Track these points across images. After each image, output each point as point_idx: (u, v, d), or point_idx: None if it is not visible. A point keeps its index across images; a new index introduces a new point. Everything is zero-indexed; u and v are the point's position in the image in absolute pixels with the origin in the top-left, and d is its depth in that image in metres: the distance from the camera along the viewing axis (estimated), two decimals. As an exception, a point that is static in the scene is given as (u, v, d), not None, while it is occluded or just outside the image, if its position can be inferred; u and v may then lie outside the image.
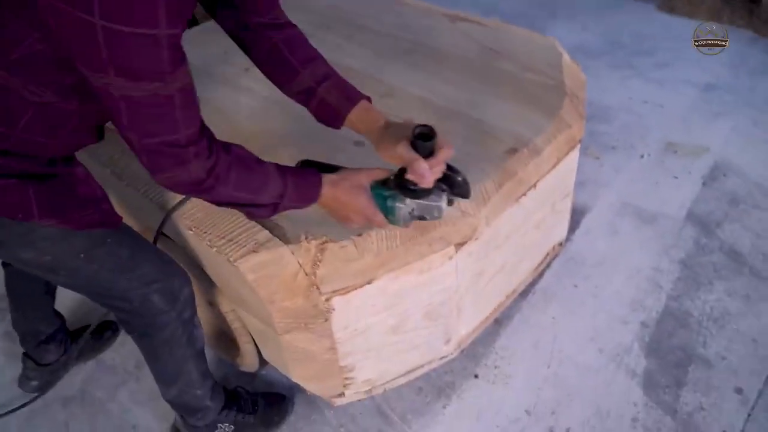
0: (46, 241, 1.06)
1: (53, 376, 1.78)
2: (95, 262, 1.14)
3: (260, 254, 1.22)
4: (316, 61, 1.17)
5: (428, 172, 1.03)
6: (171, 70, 0.81)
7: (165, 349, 1.34)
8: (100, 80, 0.80)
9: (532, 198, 1.53)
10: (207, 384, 1.46)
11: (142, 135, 0.86)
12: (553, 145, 1.50)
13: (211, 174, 0.92)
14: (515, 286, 1.75)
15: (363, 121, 1.15)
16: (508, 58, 1.80)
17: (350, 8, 2.12)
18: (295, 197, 1.04)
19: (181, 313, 1.29)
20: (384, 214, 1.12)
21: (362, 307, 1.33)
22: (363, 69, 1.77)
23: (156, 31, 0.76)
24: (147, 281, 1.21)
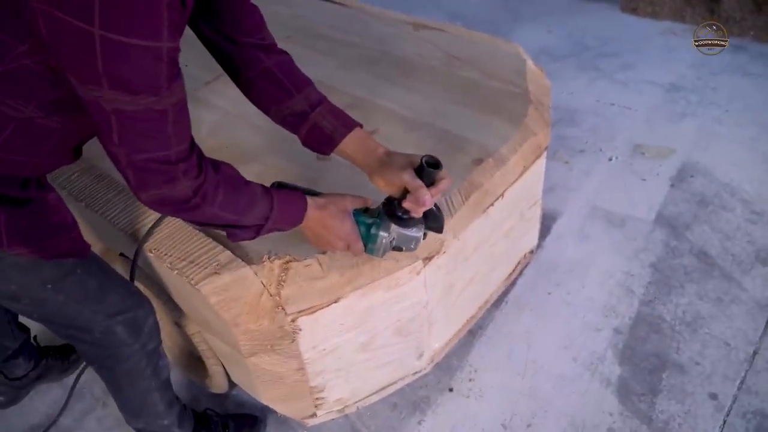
0: (13, 270, 1.01)
1: (20, 392, 1.73)
2: (62, 293, 1.09)
3: (222, 276, 1.19)
4: (309, 86, 1.17)
5: (430, 201, 1.05)
6: (168, 84, 0.79)
7: (127, 381, 1.30)
8: (91, 93, 0.77)
9: (500, 208, 1.51)
10: (173, 412, 1.42)
11: (132, 150, 0.83)
12: (518, 154, 1.49)
13: (197, 193, 0.90)
14: (487, 296, 1.73)
15: (359, 149, 1.14)
16: (472, 65, 1.79)
17: (314, 18, 2.09)
18: (280, 219, 1.03)
19: (145, 345, 1.25)
20: (364, 242, 1.13)
21: (330, 326, 1.30)
22: (327, 79, 1.74)
23: (158, 44, 0.74)
24: (112, 313, 1.17)
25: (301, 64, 1.79)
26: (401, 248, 1.16)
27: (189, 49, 1.79)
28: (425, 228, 1.16)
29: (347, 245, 1.12)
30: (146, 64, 0.76)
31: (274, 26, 2.01)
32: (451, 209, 1.33)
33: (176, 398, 1.46)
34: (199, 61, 1.85)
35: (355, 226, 1.12)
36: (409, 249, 1.17)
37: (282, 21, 2.08)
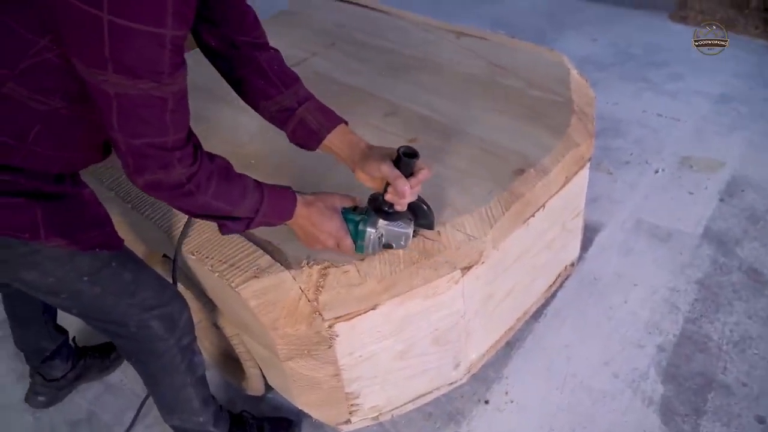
0: (51, 262, 1.05)
1: (61, 392, 1.78)
2: (98, 285, 1.12)
3: (262, 280, 1.20)
4: (297, 82, 1.20)
5: (408, 191, 1.08)
6: (170, 71, 0.83)
7: (163, 376, 1.32)
8: (96, 76, 0.80)
9: (541, 219, 1.49)
10: (209, 410, 1.44)
11: (130, 135, 0.86)
12: (561, 165, 1.47)
13: (191, 180, 0.93)
14: (526, 308, 1.71)
15: (342, 144, 1.18)
16: (514, 74, 1.77)
17: (355, 25, 2.11)
18: (270, 213, 1.06)
19: (179, 339, 1.28)
20: (353, 239, 1.15)
21: (367, 333, 1.30)
22: (366, 86, 1.75)
23: (162, 30, 0.78)
24: (147, 307, 1.19)
25: (342, 71, 1.83)
26: (391, 245, 1.18)
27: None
28: (416, 225, 1.19)
29: (336, 243, 1.14)
30: (150, 50, 0.79)
31: (317, 34, 2.06)
32: (491, 219, 1.32)
33: (212, 397, 1.48)
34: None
35: (343, 224, 1.14)
36: (399, 246, 1.18)
37: (325, 29, 2.11)
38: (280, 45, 1.98)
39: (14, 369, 1.93)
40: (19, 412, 1.80)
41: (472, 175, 1.41)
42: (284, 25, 2.17)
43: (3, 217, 0.96)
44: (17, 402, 1.83)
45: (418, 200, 1.18)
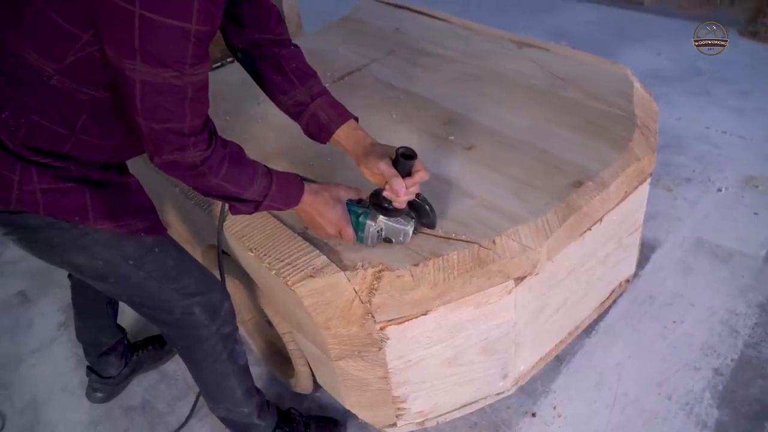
0: (98, 246, 1.12)
1: (116, 388, 1.85)
2: (143, 270, 1.18)
3: (317, 279, 1.22)
4: (312, 78, 1.26)
5: (403, 190, 1.14)
6: (192, 63, 0.90)
7: (205, 363, 1.37)
8: (125, 65, 0.88)
9: (598, 233, 1.47)
10: (253, 401, 1.47)
11: (151, 120, 0.93)
12: (621, 179, 1.44)
13: (204, 163, 1.01)
14: (578, 322, 1.68)
15: (349, 139, 1.23)
16: (576, 86, 1.76)
17: (416, 33, 2.13)
18: (278, 198, 1.13)
19: (221, 327, 1.32)
20: (355, 230, 1.21)
21: (417, 338, 1.31)
22: (425, 94, 1.77)
23: (187, 25, 0.86)
24: (189, 293, 1.25)
25: (401, 78, 1.85)
26: (391, 240, 1.24)
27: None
28: (418, 223, 1.25)
29: (338, 231, 1.21)
30: (175, 42, 0.87)
31: (377, 41, 2.09)
32: (547, 230, 1.31)
33: (257, 390, 1.51)
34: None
35: (346, 214, 1.20)
36: (398, 241, 1.23)
37: (384, 36, 2.14)
38: (341, 51, 2.05)
39: (75, 354, 2.03)
40: (77, 396, 1.89)
41: (530, 185, 1.40)
42: (345, 32, 2.21)
43: (55, 201, 1.04)
44: (76, 386, 1.92)
45: (421, 200, 1.23)
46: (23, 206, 1.03)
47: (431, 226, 1.28)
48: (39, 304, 2.25)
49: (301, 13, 2.67)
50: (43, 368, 2.01)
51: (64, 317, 2.18)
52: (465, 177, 1.44)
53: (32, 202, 1.03)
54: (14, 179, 1.01)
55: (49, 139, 1.01)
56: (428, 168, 1.19)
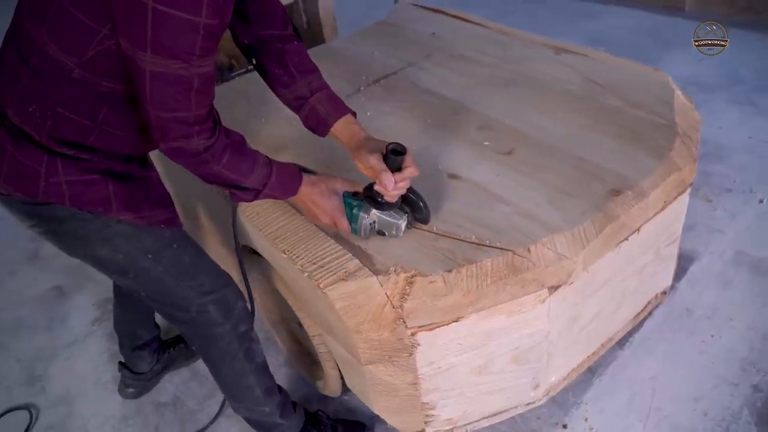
0: (119, 238, 1.17)
1: (148, 383, 1.87)
2: (161, 264, 1.23)
3: (349, 283, 1.22)
4: (313, 73, 1.30)
5: (392, 184, 1.16)
6: (200, 54, 0.95)
7: (222, 362, 1.40)
8: (137, 55, 0.93)
9: (635, 243, 1.44)
10: (274, 400, 1.48)
11: (160, 109, 0.98)
12: (660, 189, 1.41)
13: (207, 150, 1.05)
14: (612, 334, 1.65)
15: (345, 132, 1.27)
16: (615, 93, 1.72)
17: (452, 38, 2.12)
18: (277, 187, 1.18)
19: (236, 326, 1.35)
20: (350, 221, 1.25)
21: (448, 345, 1.29)
22: (461, 99, 1.76)
23: (197, 18, 0.90)
24: (204, 291, 1.29)
25: (437, 82, 1.84)
26: (384, 233, 1.28)
27: (332, 65, 1.90)
28: (412, 218, 1.28)
29: (332, 221, 1.25)
30: (184, 34, 0.91)
31: (414, 45, 2.09)
32: (583, 240, 1.29)
33: (279, 389, 1.52)
34: (339, 75, 1.95)
35: (341, 205, 1.24)
36: (391, 234, 1.27)
37: (421, 40, 2.13)
38: (377, 55, 2.05)
39: (108, 349, 2.07)
40: (109, 391, 1.93)
41: (566, 193, 1.38)
42: (381, 36, 2.21)
43: (80, 193, 1.09)
44: (108, 381, 1.96)
45: (415, 195, 1.26)
46: (49, 197, 1.08)
47: (425, 222, 1.30)
48: (74, 298, 2.30)
49: (337, 16, 2.68)
50: (77, 362, 2.05)
51: (98, 312, 2.22)
52: (500, 183, 1.43)
53: (58, 193, 1.08)
54: (41, 171, 1.06)
55: (73, 130, 1.06)
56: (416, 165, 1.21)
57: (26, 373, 2.04)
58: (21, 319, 2.27)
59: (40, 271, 2.47)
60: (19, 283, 2.45)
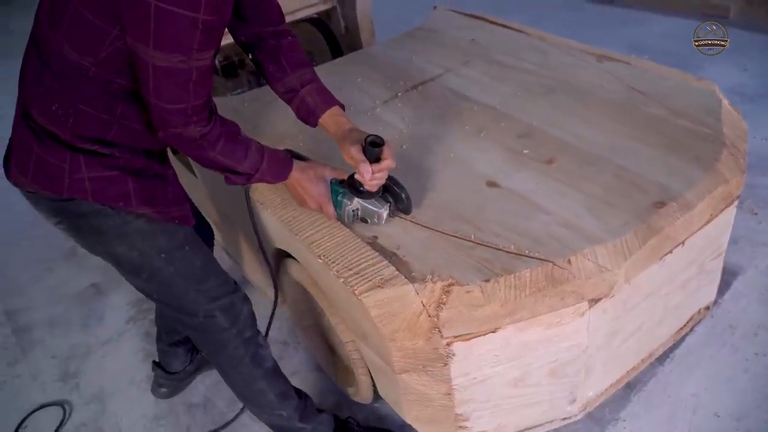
0: (136, 235, 1.22)
1: (181, 383, 1.88)
2: (173, 265, 1.28)
3: (385, 290, 1.21)
4: (304, 67, 1.36)
5: (369, 174, 1.23)
6: (198, 49, 1.01)
7: (230, 367, 1.44)
8: (140, 49, 1.00)
9: (679, 256, 1.40)
10: (290, 404, 1.49)
11: (160, 99, 1.05)
12: (706, 201, 1.37)
13: (203, 138, 1.13)
14: (652, 349, 1.60)
15: (332, 123, 1.33)
16: (659, 101, 1.68)
17: (491, 44, 2.09)
18: (268, 173, 1.25)
19: (241, 331, 1.38)
20: (335, 208, 1.32)
21: (484, 356, 1.27)
22: (500, 106, 1.73)
23: (195, 15, 0.97)
24: (212, 297, 1.33)
25: (476, 89, 1.82)
26: (366, 220, 1.34)
27: (370, 70, 1.89)
28: (394, 208, 1.34)
29: (318, 206, 1.33)
30: (183, 29, 0.98)
31: (452, 51, 2.07)
32: (626, 252, 1.25)
33: (298, 393, 1.53)
34: (377, 80, 1.94)
35: (327, 192, 1.32)
36: (373, 222, 1.34)
37: (460, 46, 2.11)
38: (414, 60, 2.03)
39: (142, 348, 2.09)
40: (142, 390, 1.94)
41: (608, 204, 1.35)
42: (419, 41, 2.19)
43: (101, 188, 1.15)
44: (142, 380, 1.97)
45: (397, 186, 1.32)
46: (73, 193, 1.14)
47: (406, 212, 1.35)
48: (110, 297, 2.34)
49: (374, 21, 2.67)
50: (112, 360, 2.08)
51: (133, 311, 2.25)
52: (539, 192, 1.40)
53: (81, 189, 1.14)
54: (65, 168, 1.13)
55: (95, 126, 1.12)
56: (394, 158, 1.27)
57: (61, 370, 2.07)
58: (57, 316, 2.31)
59: (77, 269, 2.51)
60: (56, 280, 2.49)
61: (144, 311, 2.23)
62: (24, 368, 2.11)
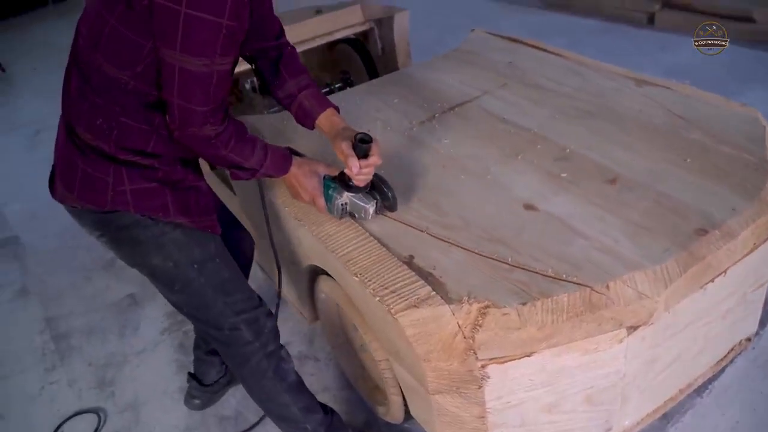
0: (172, 246, 1.30)
1: (214, 396, 1.90)
2: (203, 276, 1.34)
3: (421, 310, 1.21)
4: (302, 75, 1.46)
5: (357, 168, 1.31)
6: (221, 53, 1.10)
7: (253, 381, 1.48)
8: (169, 55, 1.08)
9: (720, 286, 1.37)
10: (315, 419, 1.52)
11: (182, 99, 1.13)
12: (750, 230, 1.34)
13: (217, 137, 1.21)
14: (690, 380, 1.57)
15: (327, 123, 1.43)
16: (700, 127, 1.66)
17: (529, 67, 2.10)
18: (270, 168, 1.34)
19: (265, 345, 1.43)
20: (326, 201, 1.41)
21: (519, 380, 1.26)
22: (537, 129, 1.73)
23: (220, 20, 1.06)
24: (238, 310, 1.39)
25: (513, 111, 1.83)
26: (354, 215, 1.43)
27: (407, 91, 1.90)
28: (381, 205, 1.42)
29: (311, 199, 1.43)
30: (208, 34, 1.07)
31: (489, 73, 2.08)
32: (666, 279, 1.24)
33: (324, 409, 1.56)
34: (414, 101, 1.96)
35: (320, 186, 1.42)
36: (360, 217, 1.43)
37: (497, 69, 2.12)
38: (452, 82, 2.05)
39: (176, 360, 2.12)
40: (175, 400, 1.97)
41: (648, 230, 1.33)
42: (457, 63, 2.21)
43: (142, 200, 1.24)
44: (175, 390, 2.00)
45: (384, 185, 1.40)
46: (117, 205, 1.22)
47: (391, 210, 1.44)
48: (146, 308, 2.38)
49: (411, 43, 2.70)
50: (146, 370, 2.11)
51: (168, 323, 2.28)
52: (577, 216, 1.39)
53: (124, 201, 1.23)
54: (108, 182, 1.21)
55: (137, 137, 1.20)
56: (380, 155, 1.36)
57: (97, 378, 2.12)
58: (95, 324, 2.36)
59: (115, 279, 2.57)
60: (94, 289, 2.55)
61: (178, 323, 2.26)
62: (61, 374, 2.16)
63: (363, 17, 2.64)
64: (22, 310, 2.52)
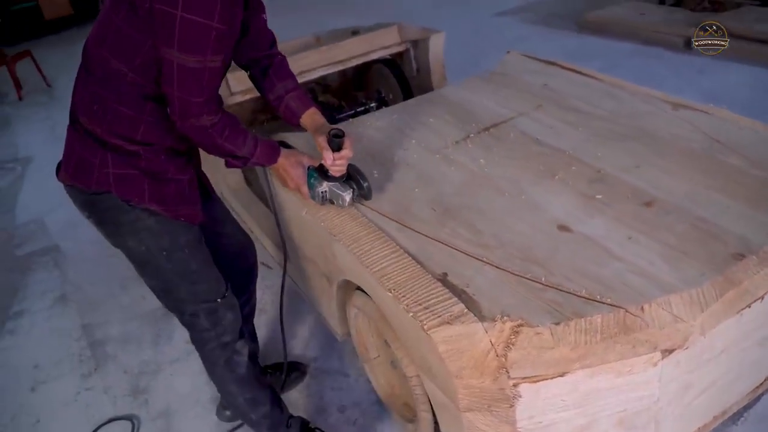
0: (146, 233, 1.41)
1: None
2: (171, 263, 1.46)
3: (454, 327, 1.23)
4: (289, 79, 1.62)
5: (330, 159, 1.49)
6: (212, 52, 1.25)
7: (207, 366, 1.64)
8: (168, 53, 1.23)
9: (758, 312, 1.35)
10: (258, 411, 1.66)
11: (182, 92, 1.27)
12: (789, 256, 1.33)
13: (213, 127, 1.35)
14: (726, 407, 1.54)
15: (309, 121, 1.60)
16: (737, 152, 1.66)
17: (564, 89, 2.11)
18: (260, 157, 1.50)
19: (221, 335, 1.56)
20: (309, 189, 1.57)
21: (551, 400, 1.26)
22: (572, 151, 1.74)
23: (210, 22, 1.21)
24: (199, 299, 1.52)
25: (548, 133, 1.84)
26: (333, 202, 1.59)
27: (442, 111, 1.93)
28: (357, 194, 1.57)
29: (296, 187, 1.61)
30: (200, 34, 1.22)
31: (524, 95, 2.10)
32: (702, 303, 1.23)
33: (273, 404, 1.69)
34: (449, 121, 1.99)
35: (304, 175, 1.58)
36: (338, 204, 1.58)
37: (532, 91, 2.14)
38: (486, 103, 2.07)
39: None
40: (207, 410, 2.01)
41: (684, 253, 1.33)
42: (492, 84, 2.24)
43: (123, 184, 1.35)
44: (207, 401, 2.04)
45: (361, 177, 1.56)
46: (101, 186, 1.35)
47: (366, 198, 1.59)
48: (180, 318, 2.43)
49: (445, 64, 2.74)
50: (179, 379, 2.15)
51: (200, 334, 2.32)
52: (612, 238, 1.40)
53: (107, 182, 1.35)
54: (95, 163, 1.34)
55: (127, 124, 1.33)
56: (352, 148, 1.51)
57: (132, 385, 2.16)
58: (130, 332, 2.42)
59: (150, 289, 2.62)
60: (130, 298, 2.62)
61: (211, 334, 2.30)
62: (97, 381, 2.21)
63: (399, 38, 2.69)
64: (60, 317, 2.60)
